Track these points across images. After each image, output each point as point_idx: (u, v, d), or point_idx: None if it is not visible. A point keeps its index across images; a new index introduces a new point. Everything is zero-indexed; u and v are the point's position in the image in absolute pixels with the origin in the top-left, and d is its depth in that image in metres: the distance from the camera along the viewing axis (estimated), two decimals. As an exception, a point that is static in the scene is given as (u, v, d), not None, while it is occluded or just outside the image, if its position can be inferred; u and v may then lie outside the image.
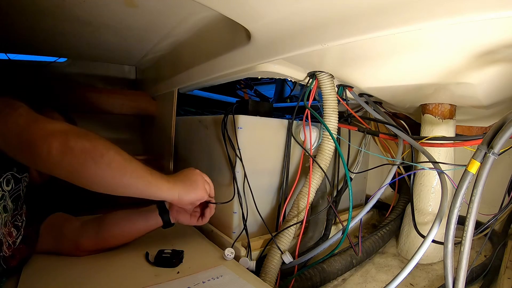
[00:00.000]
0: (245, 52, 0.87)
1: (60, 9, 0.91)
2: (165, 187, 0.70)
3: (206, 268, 0.79)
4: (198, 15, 0.92)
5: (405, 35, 0.60)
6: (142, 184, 0.66)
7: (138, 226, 0.85)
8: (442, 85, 0.85)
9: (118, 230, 0.84)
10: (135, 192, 0.66)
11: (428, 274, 0.99)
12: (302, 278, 0.86)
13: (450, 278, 0.57)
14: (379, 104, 1.20)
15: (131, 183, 0.65)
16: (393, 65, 0.79)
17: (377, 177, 1.53)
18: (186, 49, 1.16)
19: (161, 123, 1.45)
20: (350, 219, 0.86)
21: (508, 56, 0.65)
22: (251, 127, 0.97)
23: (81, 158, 0.59)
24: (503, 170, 1.14)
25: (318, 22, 0.64)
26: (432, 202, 1.05)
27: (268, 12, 0.65)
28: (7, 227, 0.67)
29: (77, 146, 0.59)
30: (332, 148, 0.94)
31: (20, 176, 0.72)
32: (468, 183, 0.57)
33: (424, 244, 0.65)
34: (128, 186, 0.65)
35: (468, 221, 0.55)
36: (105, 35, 1.14)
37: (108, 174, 0.62)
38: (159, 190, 0.69)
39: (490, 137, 0.55)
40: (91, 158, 0.60)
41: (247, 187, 0.95)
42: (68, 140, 0.59)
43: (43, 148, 0.57)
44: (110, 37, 1.16)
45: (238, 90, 2.02)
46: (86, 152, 0.59)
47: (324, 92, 0.93)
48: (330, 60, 0.84)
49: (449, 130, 1.03)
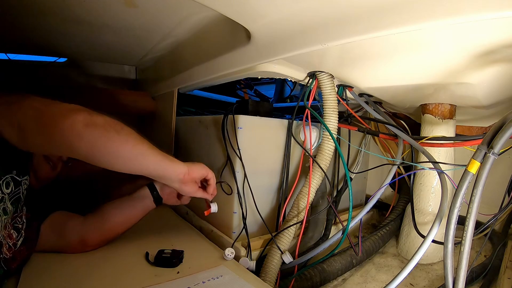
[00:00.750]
0: (245, 52, 0.87)
1: (60, 9, 0.91)
2: (176, 161, 0.76)
3: (206, 268, 0.79)
4: (198, 15, 0.92)
5: (405, 35, 0.60)
6: (157, 157, 0.72)
7: (137, 209, 0.89)
8: (442, 85, 0.85)
9: (120, 217, 0.86)
10: (150, 166, 0.71)
11: (428, 274, 0.99)
12: (302, 278, 0.86)
13: (450, 278, 0.57)
14: (379, 104, 1.20)
15: (148, 154, 0.70)
16: (393, 65, 0.79)
17: (377, 177, 1.53)
18: (186, 49, 1.16)
19: (161, 123, 1.45)
20: (350, 219, 0.86)
21: (508, 56, 0.65)
22: (251, 127, 0.96)
23: (104, 130, 0.64)
24: (503, 170, 1.14)
25: (318, 22, 0.64)
26: (432, 202, 1.05)
27: (268, 12, 0.65)
28: (7, 229, 0.67)
29: (99, 119, 0.64)
30: (332, 148, 0.94)
31: (20, 179, 0.72)
32: (468, 183, 0.57)
33: (424, 244, 0.65)
34: (146, 158, 0.70)
35: (468, 221, 0.55)
36: (105, 35, 1.14)
37: (128, 146, 0.67)
38: (171, 162, 0.75)
39: (490, 137, 0.55)
40: (114, 129, 0.65)
41: (247, 187, 0.95)
42: (91, 114, 0.63)
43: (66, 122, 0.60)
44: (110, 37, 1.16)
45: (238, 90, 2.02)
46: (108, 124, 0.65)
47: (324, 92, 0.93)
48: (330, 60, 0.84)
49: (449, 130, 1.03)
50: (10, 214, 0.68)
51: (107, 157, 0.65)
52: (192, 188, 0.82)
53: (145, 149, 0.70)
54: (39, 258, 0.78)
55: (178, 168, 0.76)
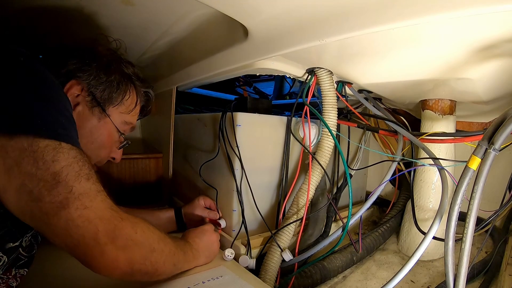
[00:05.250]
0: (243, 49, 0.86)
1: (57, 8, 0.90)
2: (192, 264, 0.77)
3: (206, 268, 0.79)
4: (195, 13, 0.91)
5: (404, 30, 0.59)
6: (186, 265, 0.74)
7: (163, 224, 0.98)
8: (442, 80, 0.84)
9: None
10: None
11: (429, 271, 0.99)
12: (302, 276, 0.86)
13: (451, 275, 0.57)
14: (379, 100, 1.19)
15: (181, 268, 0.72)
16: (392, 60, 0.79)
17: (377, 174, 1.53)
18: (184, 47, 1.15)
19: (160, 121, 1.45)
20: (350, 216, 0.85)
21: (507, 51, 0.64)
22: (250, 124, 0.96)
23: (142, 278, 0.60)
24: (504, 166, 1.14)
25: (315, 18, 0.64)
26: (432, 199, 1.05)
27: (265, 8, 0.64)
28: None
29: (139, 271, 0.57)
30: (332, 145, 0.93)
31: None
32: (469, 179, 0.57)
33: (425, 241, 0.65)
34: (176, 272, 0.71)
35: (469, 217, 0.54)
36: (103, 34, 1.13)
37: (166, 273, 0.66)
38: (190, 267, 0.76)
39: (491, 132, 0.55)
40: (150, 277, 0.61)
41: (247, 184, 0.94)
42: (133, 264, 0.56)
43: (104, 260, 0.52)
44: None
45: (238, 88, 2.01)
46: (147, 275, 0.60)
47: (323, 89, 0.93)
48: (329, 56, 0.83)
49: (449, 126, 1.02)
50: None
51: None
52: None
53: (179, 267, 0.71)
54: (39, 257, 0.77)
55: (192, 266, 0.77)
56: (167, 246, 0.65)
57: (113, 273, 0.53)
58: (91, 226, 0.50)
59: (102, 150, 0.79)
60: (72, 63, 0.72)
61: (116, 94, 0.78)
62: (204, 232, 0.84)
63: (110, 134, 0.79)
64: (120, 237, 0.53)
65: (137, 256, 0.56)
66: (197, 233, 0.83)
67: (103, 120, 0.76)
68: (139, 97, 0.87)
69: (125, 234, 0.54)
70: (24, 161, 0.47)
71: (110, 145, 0.81)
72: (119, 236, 0.53)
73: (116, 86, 0.78)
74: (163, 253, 0.63)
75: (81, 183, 0.51)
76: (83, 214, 0.49)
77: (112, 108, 0.78)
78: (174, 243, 0.68)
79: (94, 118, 0.74)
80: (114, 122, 0.78)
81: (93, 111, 0.74)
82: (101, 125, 0.76)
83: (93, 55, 0.76)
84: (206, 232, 0.84)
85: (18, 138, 0.48)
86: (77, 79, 0.71)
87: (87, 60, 0.73)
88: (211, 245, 0.83)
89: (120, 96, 0.79)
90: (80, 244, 0.49)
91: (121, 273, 0.54)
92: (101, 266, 0.51)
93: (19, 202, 0.48)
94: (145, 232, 0.59)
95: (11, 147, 0.48)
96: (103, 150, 0.79)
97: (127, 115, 0.82)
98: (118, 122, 0.80)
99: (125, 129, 0.84)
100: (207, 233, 0.84)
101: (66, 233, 0.49)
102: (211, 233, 0.85)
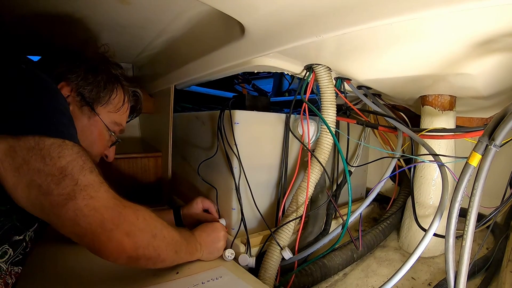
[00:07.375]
0: (240, 46, 0.85)
1: (54, 7, 0.90)
2: (195, 256, 0.80)
3: (205, 269, 0.79)
4: (192, 11, 0.91)
5: (402, 25, 0.59)
6: (185, 256, 0.76)
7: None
8: (441, 76, 0.83)
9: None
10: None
11: (430, 268, 0.98)
12: (302, 274, 0.85)
13: (451, 271, 0.57)
14: (378, 96, 1.19)
15: (181, 258, 0.75)
16: (391, 56, 0.78)
17: (377, 170, 1.52)
18: (182, 45, 1.15)
19: (158, 119, 1.44)
20: (350, 213, 0.85)
21: (507, 45, 0.63)
22: (248, 122, 0.95)
23: (146, 264, 0.64)
24: (505, 162, 1.13)
25: (311, 14, 0.63)
26: (433, 195, 1.05)
27: (261, 5, 0.63)
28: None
29: (143, 256, 0.61)
30: (331, 142, 0.93)
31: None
32: (469, 176, 0.56)
33: (426, 238, 0.65)
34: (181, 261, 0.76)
35: (470, 214, 0.54)
36: (100, 33, 1.13)
37: (168, 261, 0.70)
38: (192, 258, 0.80)
39: (492, 128, 0.54)
40: (153, 263, 0.65)
41: (245, 182, 0.94)
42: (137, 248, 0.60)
43: (110, 247, 0.56)
44: (105, 35, 1.15)
45: (236, 85, 2.01)
46: (150, 260, 0.63)
47: (322, 85, 0.92)
48: (327, 52, 0.82)
49: (449, 121, 1.02)
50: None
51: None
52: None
53: (181, 256, 0.74)
54: (40, 256, 0.77)
55: (194, 258, 0.81)
56: (170, 233, 0.69)
57: (120, 258, 0.57)
58: (97, 214, 0.54)
59: (94, 148, 0.82)
60: (63, 65, 0.76)
61: (103, 93, 0.81)
62: (213, 229, 0.88)
63: (100, 133, 0.82)
64: (124, 223, 0.57)
65: (140, 241, 0.60)
66: (206, 228, 0.87)
67: (93, 119, 0.79)
68: (127, 96, 0.91)
69: (129, 220, 0.59)
70: (32, 158, 0.52)
71: (102, 143, 0.84)
72: (123, 222, 0.57)
73: (103, 86, 0.81)
74: (165, 239, 0.67)
75: (86, 176, 0.55)
76: (89, 203, 0.54)
77: (101, 107, 0.81)
78: (178, 232, 0.72)
79: (84, 117, 0.78)
80: (103, 120, 0.82)
81: (83, 110, 0.77)
82: (91, 123, 0.79)
83: (82, 58, 0.81)
84: (215, 229, 0.88)
85: (26, 138, 0.53)
86: (67, 80, 0.75)
87: (76, 63, 0.78)
88: (217, 242, 0.86)
89: (107, 95, 0.83)
90: (88, 232, 0.54)
91: (127, 257, 0.58)
92: (108, 251, 0.56)
93: (29, 197, 0.53)
94: (146, 219, 0.63)
95: (19, 146, 0.52)
96: (95, 148, 0.82)
97: (115, 114, 0.86)
98: (107, 121, 0.83)
99: (115, 130, 0.87)
100: (216, 230, 0.88)
101: (74, 222, 0.53)
102: (219, 231, 0.89)
